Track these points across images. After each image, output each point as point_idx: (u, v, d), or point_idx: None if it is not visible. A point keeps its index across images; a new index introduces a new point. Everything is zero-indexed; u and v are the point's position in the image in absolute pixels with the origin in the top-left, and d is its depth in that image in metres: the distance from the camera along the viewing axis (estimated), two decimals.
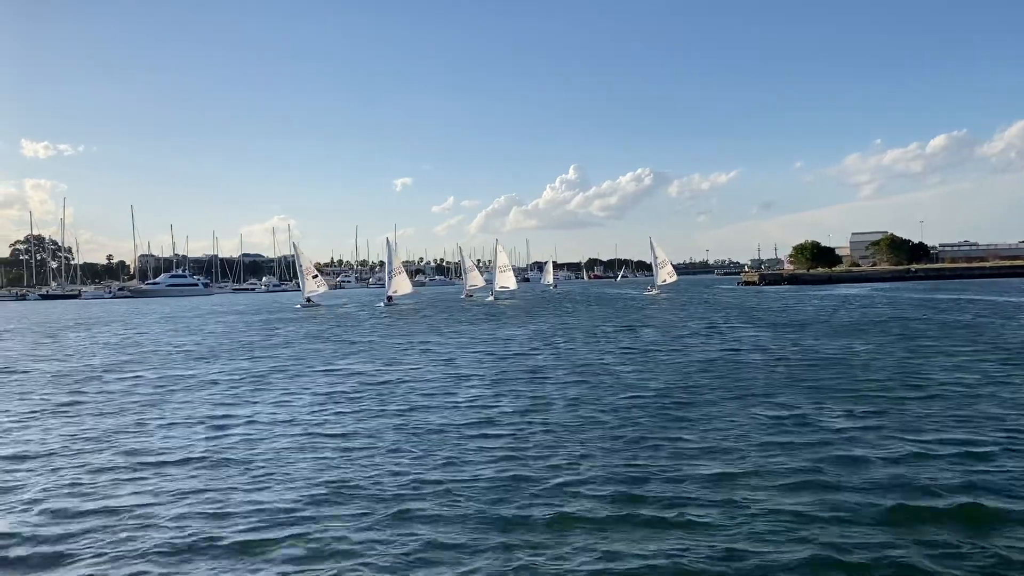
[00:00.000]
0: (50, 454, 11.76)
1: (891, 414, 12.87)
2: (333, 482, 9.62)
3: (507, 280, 73.42)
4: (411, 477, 9.79)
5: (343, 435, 12.46)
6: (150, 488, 9.63)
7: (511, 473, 9.77)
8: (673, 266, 78.81)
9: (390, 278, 67.75)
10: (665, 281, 76.75)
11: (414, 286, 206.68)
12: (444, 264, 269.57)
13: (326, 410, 14.95)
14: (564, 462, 10.33)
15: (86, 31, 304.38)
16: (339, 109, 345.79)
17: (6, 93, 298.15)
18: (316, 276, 70.86)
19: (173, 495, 9.28)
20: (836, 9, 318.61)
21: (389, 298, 66.89)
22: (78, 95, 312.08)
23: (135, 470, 10.59)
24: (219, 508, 8.71)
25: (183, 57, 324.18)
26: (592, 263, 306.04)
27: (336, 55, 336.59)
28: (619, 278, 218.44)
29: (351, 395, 16.76)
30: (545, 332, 33.69)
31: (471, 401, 15.57)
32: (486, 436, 12.08)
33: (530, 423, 13.11)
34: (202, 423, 13.91)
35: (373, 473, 9.99)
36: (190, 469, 10.47)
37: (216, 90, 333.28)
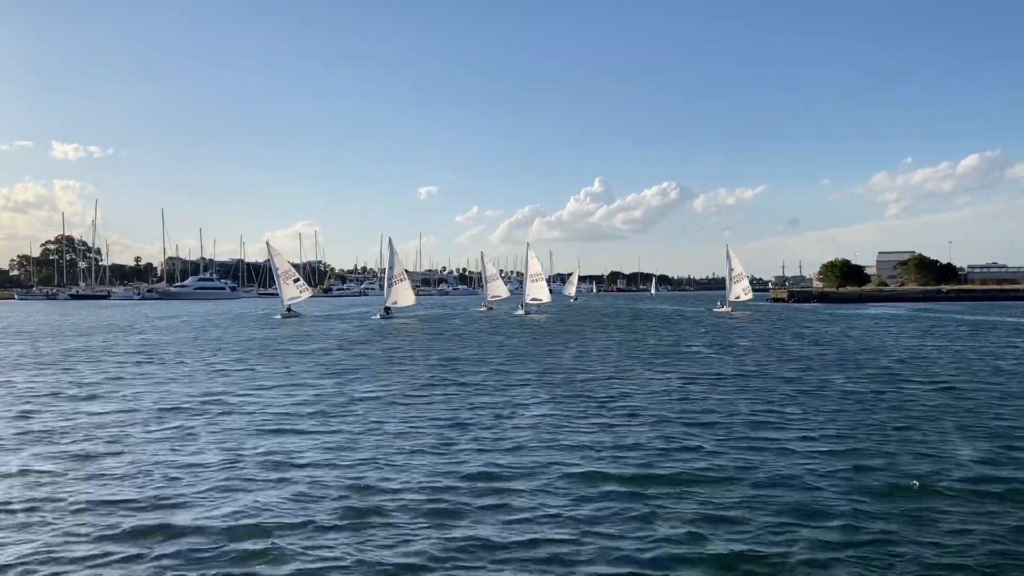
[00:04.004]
0: None
1: None
2: None
3: (540, 291, 63.67)
4: None
5: None
6: None
7: None
8: (697, 282, 70.65)
9: (389, 286, 56.44)
10: (739, 297, 66.07)
11: (438, 295, 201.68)
12: (467, 273, 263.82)
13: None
14: None
15: (118, 35, 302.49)
16: (365, 116, 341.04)
17: (39, 96, 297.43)
18: (298, 280, 59.70)
19: None
20: (869, 24, 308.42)
21: (387, 309, 56.47)
22: (109, 98, 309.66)
23: None
24: None
25: (211, 63, 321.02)
26: (615, 276, 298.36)
27: (362, 62, 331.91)
28: (653, 292, 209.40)
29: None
30: None
31: None
32: None
33: None
34: None
35: None
36: None
37: (244, 95, 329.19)
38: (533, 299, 64.12)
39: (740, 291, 65.98)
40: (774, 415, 14.59)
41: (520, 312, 62.25)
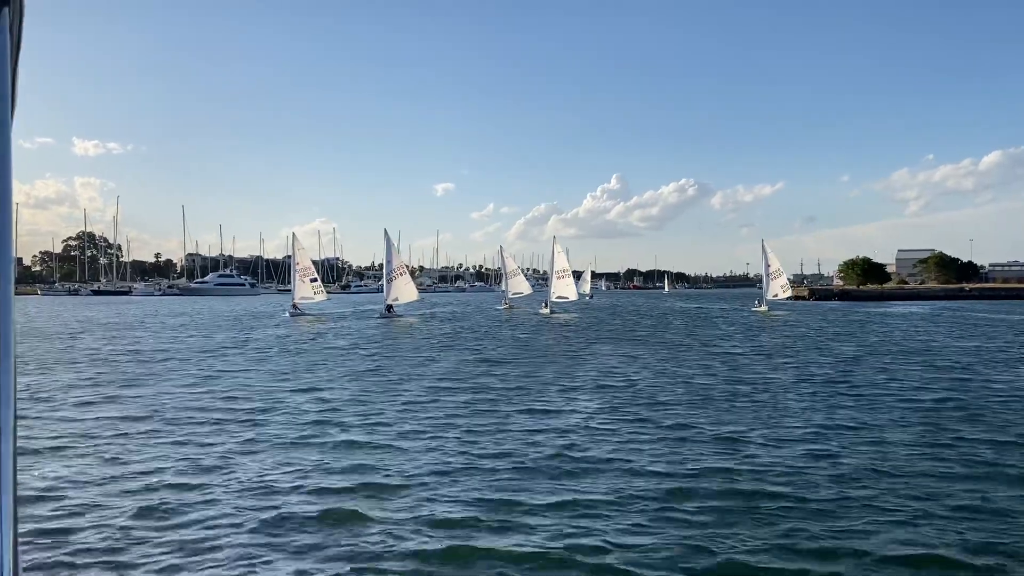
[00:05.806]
0: None
1: None
2: None
3: (566, 289, 59.38)
4: None
5: None
6: None
7: None
8: (714, 279, 66.60)
9: (389, 282, 51.60)
10: (777, 296, 62.04)
11: (455, 292, 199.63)
12: (483, 270, 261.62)
13: None
14: None
15: (137, 32, 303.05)
16: (382, 113, 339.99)
17: (61, 92, 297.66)
18: (315, 280, 56.17)
19: None
20: (891, 18, 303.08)
21: (389, 307, 52.29)
22: (128, 95, 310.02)
23: None
24: None
25: (230, 59, 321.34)
26: (631, 273, 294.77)
27: (379, 59, 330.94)
28: (666, 290, 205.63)
29: None
30: None
31: None
32: None
33: None
34: None
35: None
36: None
37: (262, 92, 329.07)
38: (559, 297, 60.53)
39: (778, 288, 61.62)
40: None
41: (544, 311, 58.84)
